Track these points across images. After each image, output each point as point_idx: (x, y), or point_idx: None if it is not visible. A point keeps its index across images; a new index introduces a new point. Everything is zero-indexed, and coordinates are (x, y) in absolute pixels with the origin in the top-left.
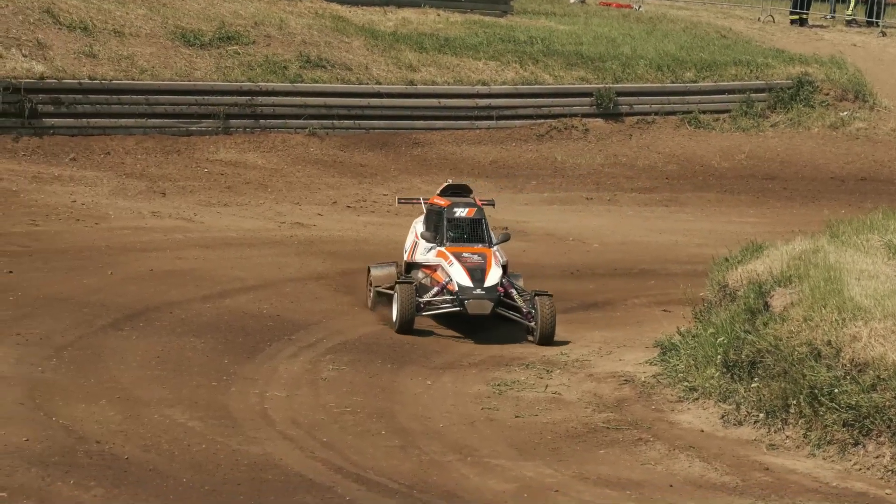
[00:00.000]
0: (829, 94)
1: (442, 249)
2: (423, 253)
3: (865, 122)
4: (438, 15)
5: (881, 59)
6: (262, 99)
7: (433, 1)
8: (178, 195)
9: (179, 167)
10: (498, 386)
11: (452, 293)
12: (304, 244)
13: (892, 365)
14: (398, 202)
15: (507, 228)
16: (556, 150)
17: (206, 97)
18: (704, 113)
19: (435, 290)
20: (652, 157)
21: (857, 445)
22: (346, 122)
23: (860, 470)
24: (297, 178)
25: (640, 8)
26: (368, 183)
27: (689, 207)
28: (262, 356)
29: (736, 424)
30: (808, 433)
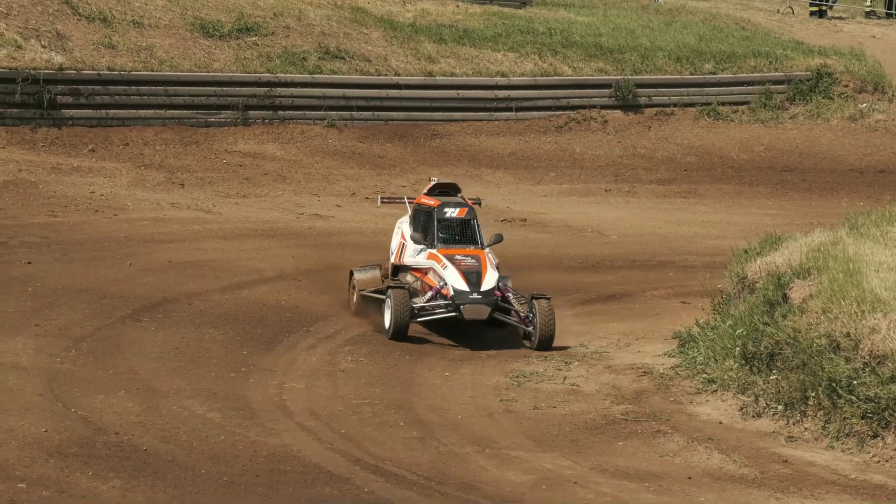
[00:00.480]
0: (848, 85)
1: (433, 252)
2: (412, 255)
3: (884, 113)
4: (458, 6)
5: None
6: (280, 90)
7: None
8: (196, 186)
9: (198, 158)
10: (516, 377)
11: (447, 298)
12: (322, 235)
13: None
14: (380, 202)
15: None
16: (574, 141)
17: (224, 88)
18: (723, 105)
19: (429, 294)
20: (671, 148)
21: (875, 437)
22: (364, 113)
23: (879, 462)
24: (315, 169)
25: None
26: (387, 174)
27: (707, 199)
28: (280, 347)
29: (754, 416)
30: (826, 425)
